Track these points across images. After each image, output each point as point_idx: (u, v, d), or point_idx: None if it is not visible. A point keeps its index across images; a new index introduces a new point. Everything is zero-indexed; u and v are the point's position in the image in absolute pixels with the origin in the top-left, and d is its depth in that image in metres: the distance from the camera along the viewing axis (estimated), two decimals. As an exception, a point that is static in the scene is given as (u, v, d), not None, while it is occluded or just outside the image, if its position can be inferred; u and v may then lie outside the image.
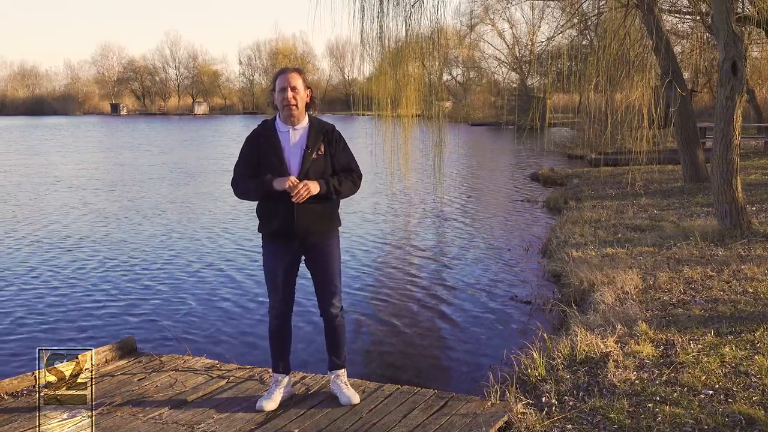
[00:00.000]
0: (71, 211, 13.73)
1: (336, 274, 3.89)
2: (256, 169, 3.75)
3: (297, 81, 3.72)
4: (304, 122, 3.79)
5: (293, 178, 3.61)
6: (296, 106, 3.71)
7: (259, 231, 3.89)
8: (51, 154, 29.42)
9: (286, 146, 3.73)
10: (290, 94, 3.69)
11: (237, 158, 3.85)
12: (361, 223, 12.03)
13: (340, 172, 3.80)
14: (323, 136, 3.78)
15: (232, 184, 3.84)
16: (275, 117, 3.84)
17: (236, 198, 3.96)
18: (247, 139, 3.84)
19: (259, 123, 3.88)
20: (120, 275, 8.65)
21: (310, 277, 3.97)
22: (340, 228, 3.96)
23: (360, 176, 3.88)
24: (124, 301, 7.57)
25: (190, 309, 7.25)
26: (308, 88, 3.79)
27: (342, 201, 3.95)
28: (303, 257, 3.88)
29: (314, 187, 3.64)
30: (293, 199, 3.60)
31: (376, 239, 10.83)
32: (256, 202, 3.87)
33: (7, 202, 15.14)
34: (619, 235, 9.12)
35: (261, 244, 3.94)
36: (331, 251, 3.86)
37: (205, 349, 5.73)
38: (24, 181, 19.06)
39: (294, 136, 3.75)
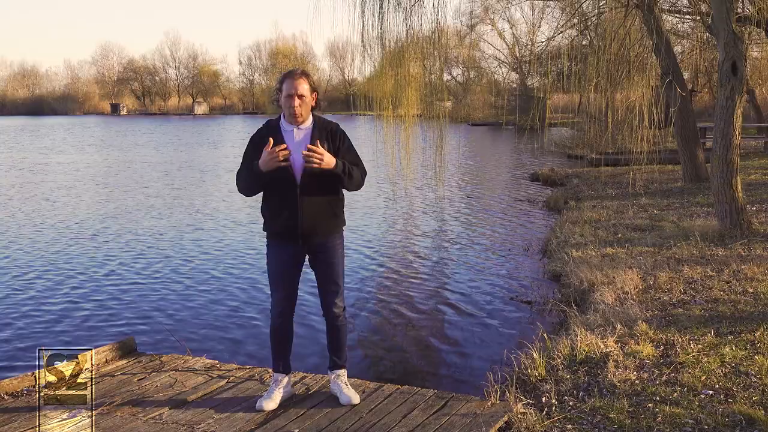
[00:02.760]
0: (74, 210, 13.73)
1: (339, 273, 3.90)
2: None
3: (304, 87, 3.71)
4: (309, 122, 3.80)
5: (274, 148, 3.57)
6: (302, 113, 3.73)
7: (264, 230, 3.90)
8: (72, 153, 29.80)
9: (290, 144, 3.74)
10: (296, 102, 3.69)
11: (242, 158, 3.86)
12: (361, 223, 12.04)
13: None
14: (327, 134, 3.78)
15: (236, 183, 3.85)
16: (280, 116, 3.85)
17: (242, 197, 3.97)
18: (251, 139, 3.85)
19: (264, 123, 3.89)
20: (120, 275, 8.65)
21: (311, 276, 3.97)
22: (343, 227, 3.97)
23: (365, 173, 3.88)
24: (124, 301, 7.57)
25: (190, 309, 7.25)
26: (314, 91, 3.79)
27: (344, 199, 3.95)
28: (307, 257, 3.89)
29: (330, 160, 3.61)
30: (305, 160, 3.55)
31: (376, 239, 10.84)
32: (261, 202, 3.87)
33: (15, 200, 15.15)
34: (619, 235, 9.12)
35: (263, 243, 3.95)
36: (335, 250, 3.87)
37: (205, 349, 5.74)
38: (55, 180, 19.08)
39: (298, 135, 3.76)
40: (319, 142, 3.71)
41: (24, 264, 9.28)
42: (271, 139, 3.63)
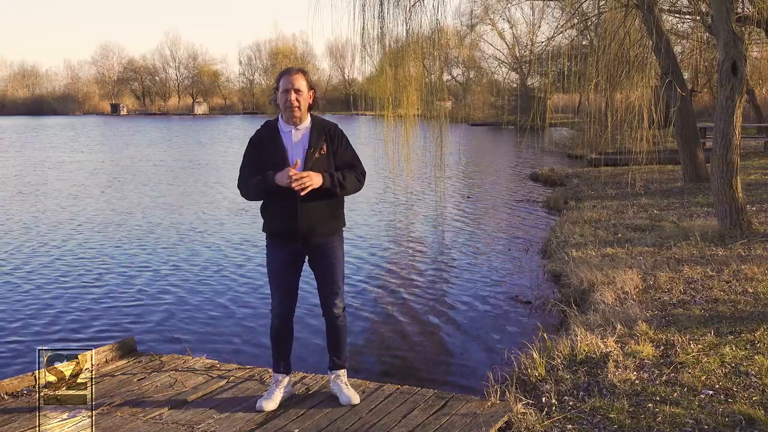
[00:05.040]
0: (75, 210, 13.73)
1: (339, 274, 3.90)
2: (261, 170, 3.75)
3: (300, 83, 3.71)
4: (307, 122, 3.79)
5: (293, 170, 3.59)
6: (298, 108, 3.71)
7: (263, 230, 3.89)
8: (89, 152, 30.26)
9: (288, 145, 3.74)
10: (293, 96, 3.68)
11: (241, 160, 3.85)
12: (361, 223, 12.03)
13: (343, 169, 3.80)
14: (326, 135, 3.78)
15: (239, 186, 3.84)
16: (278, 117, 3.84)
17: (243, 199, 3.96)
18: (250, 140, 3.84)
19: (262, 124, 3.88)
20: (120, 275, 8.65)
21: (311, 276, 3.97)
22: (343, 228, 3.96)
23: (363, 173, 3.87)
24: (124, 301, 7.57)
25: (190, 309, 7.25)
26: (312, 89, 3.79)
27: (345, 200, 3.95)
28: (307, 257, 3.89)
29: (317, 179, 3.62)
30: (296, 189, 3.56)
31: (376, 239, 10.84)
32: (261, 202, 3.87)
33: (19, 200, 15.15)
34: (619, 235, 9.12)
35: (262, 243, 3.95)
36: (335, 251, 3.86)
37: (205, 349, 5.73)
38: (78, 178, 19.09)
39: (296, 136, 3.76)
40: (316, 143, 3.71)
41: (24, 264, 9.28)
42: (299, 161, 3.63)
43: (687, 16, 16.86)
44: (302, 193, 3.60)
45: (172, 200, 15.39)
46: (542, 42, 18.97)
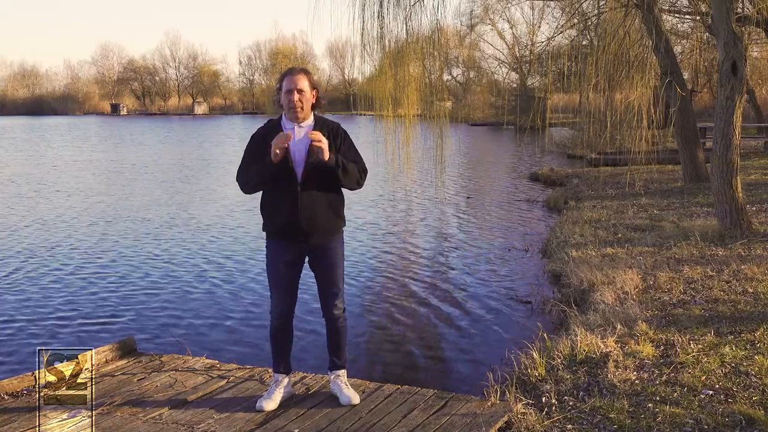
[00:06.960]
0: (74, 211, 13.73)
1: (340, 274, 3.90)
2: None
3: (303, 83, 3.71)
4: (310, 120, 3.80)
5: (289, 134, 3.62)
6: (302, 108, 3.72)
7: (263, 230, 3.89)
8: (99, 151, 30.56)
9: (290, 142, 3.73)
10: (296, 96, 3.69)
11: (242, 156, 3.85)
12: (361, 223, 12.04)
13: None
14: (329, 134, 3.77)
15: (237, 179, 3.83)
16: (281, 116, 3.84)
17: (242, 197, 3.96)
18: (252, 137, 3.84)
19: (265, 122, 3.88)
20: (120, 275, 8.65)
21: (311, 276, 3.97)
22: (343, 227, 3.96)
23: (365, 171, 3.86)
24: (124, 301, 7.57)
25: (190, 309, 7.25)
26: (314, 88, 3.79)
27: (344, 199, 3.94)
28: (307, 258, 3.89)
29: (327, 147, 3.62)
30: (312, 143, 3.61)
31: (376, 240, 10.84)
32: (261, 199, 3.86)
33: (23, 201, 15.16)
34: (619, 235, 9.12)
35: (264, 243, 3.94)
36: (335, 251, 3.86)
37: (205, 349, 5.73)
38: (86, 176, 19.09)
39: (299, 133, 3.75)
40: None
41: (24, 264, 9.28)
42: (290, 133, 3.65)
43: (687, 16, 16.89)
44: (315, 148, 3.61)
45: (175, 200, 15.38)
46: (542, 42, 19.00)
